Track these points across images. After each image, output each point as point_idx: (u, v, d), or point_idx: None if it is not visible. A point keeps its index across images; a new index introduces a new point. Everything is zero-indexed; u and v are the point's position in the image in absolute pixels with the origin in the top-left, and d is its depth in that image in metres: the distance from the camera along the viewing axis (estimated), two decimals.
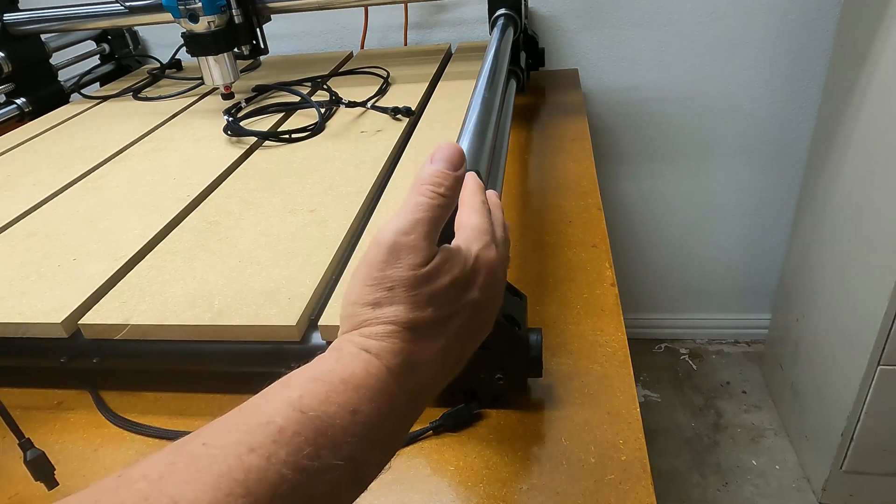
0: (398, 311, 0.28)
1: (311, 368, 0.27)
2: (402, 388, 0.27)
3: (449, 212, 0.31)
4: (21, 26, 1.07)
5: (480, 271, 0.31)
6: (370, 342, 0.28)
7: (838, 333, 1.13)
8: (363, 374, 0.26)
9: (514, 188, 0.79)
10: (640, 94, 1.34)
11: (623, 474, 0.41)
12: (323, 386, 0.25)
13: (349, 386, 0.26)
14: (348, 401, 0.25)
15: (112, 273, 0.58)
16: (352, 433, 0.25)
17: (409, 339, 0.28)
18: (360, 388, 0.26)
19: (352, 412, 0.25)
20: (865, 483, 1.18)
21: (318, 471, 0.23)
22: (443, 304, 0.29)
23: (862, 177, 1.05)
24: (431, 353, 0.29)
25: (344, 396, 0.25)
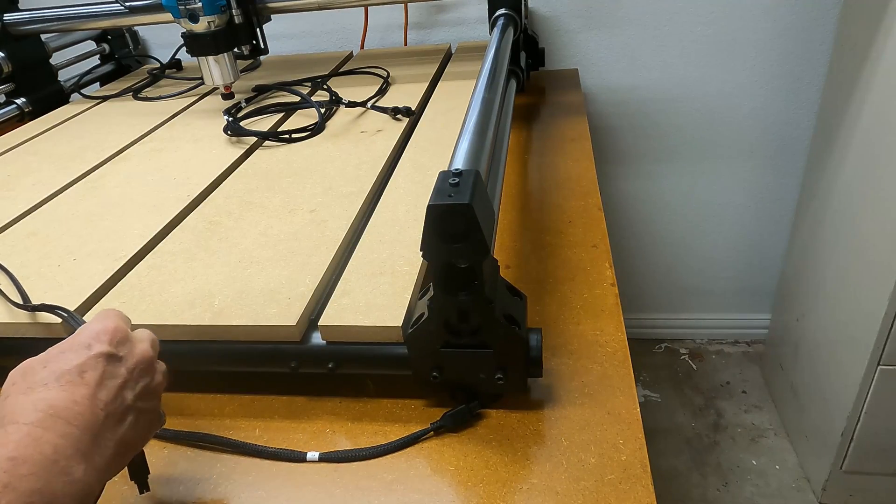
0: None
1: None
2: (50, 429, 0.32)
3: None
4: (21, 26, 1.07)
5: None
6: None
7: (838, 333, 1.13)
8: (5, 435, 0.31)
9: (514, 188, 0.79)
10: (640, 94, 1.34)
11: (623, 474, 0.41)
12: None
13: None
14: (2, 453, 0.30)
15: (112, 273, 0.58)
16: (17, 473, 0.30)
17: (38, 398, 0.34)
18: (8, 444, 0.31)
19: (9, 459, 0.30)
20: (865, 483, 1.18)
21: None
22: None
23: (862, 176, 1.05)
24: (68, 393, 0.34)
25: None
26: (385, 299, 0.50)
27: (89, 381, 0.35)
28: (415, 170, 0.72)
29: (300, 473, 0.45)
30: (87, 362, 0.36)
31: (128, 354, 0.38)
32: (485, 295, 0.42)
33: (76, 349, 0.36)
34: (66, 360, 0.36)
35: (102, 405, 0.35)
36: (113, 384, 0.36)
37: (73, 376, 0.35)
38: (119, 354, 0.37)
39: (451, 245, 0.40)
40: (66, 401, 0.34)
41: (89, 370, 0.35)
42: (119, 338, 0.38)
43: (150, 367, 0.39)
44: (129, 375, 0.37)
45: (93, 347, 0.36)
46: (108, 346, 0.37)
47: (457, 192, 0.40)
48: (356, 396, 0.51)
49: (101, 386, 0.35)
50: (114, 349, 0.37)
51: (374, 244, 0.57)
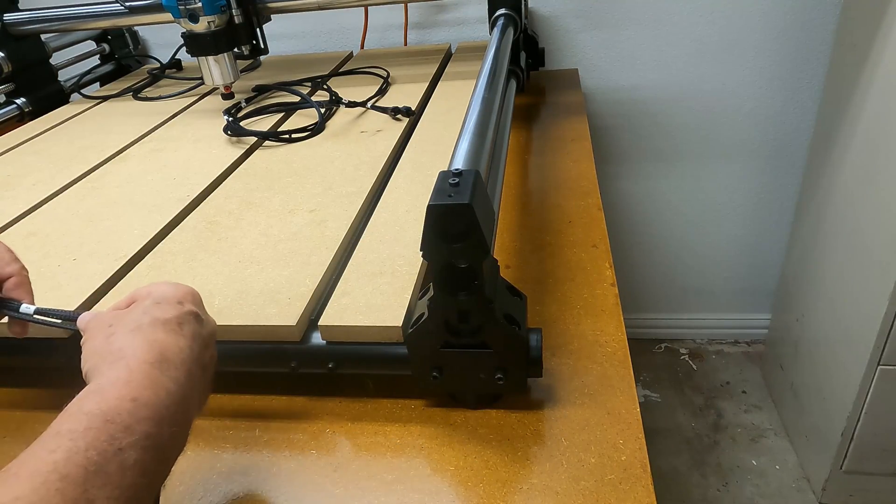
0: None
1: (82, 391, 0.32)
2: (164, 372, 0.33)
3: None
4: (21, 26, 1.07)
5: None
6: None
7: (838, 333, 1.13)
8: (126, 373, 0.32)
9: (514, 188, 0.79)
10: (640, 93, 1.34)
11: (623, 474, 0.41)
12: (95, 393, 0.31)
13: (118, 384, 0.31)
14: (123, 393, 0.30)
15: (112, 273, 0.58)
16: (138, 415, 0.30)
17: (151, 339, 0.34)
18: (130, 382, 0.31)
19: (131, 399, 0.30)
20: (865, 483, 1.18)
21: (120, 449, 0.28)
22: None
23: (862, 176, 1.05)
24: (173, 341, 0.35)
25: (119, 391, 0.31)
26: (385, 299, 0.50)
27: (186, 334, 0.36)
28: (415, 170, 0.72)
29: (300, 473, 0.45)
30: (183, 316, 0.36)
31: (206, 320, 0.39)
32: (485, 295, 0.42)
33: (170, 302, 0.37)
34: (163, 311, 0.36)
35: (196, 357, 0.35)
36: (200, 343, 0.37)
37: (174, 325, 0.35)
38: (202, 317, 0.38)
39: (451, 245, 0.40)
40: (174, 346, 0.34)
41: (185, 324, 0.36)
42: (199, 300, 0.39)
43: (215, 338, 0.39)
44: (209, 339, 0.38)
45: (184, 305, 0.37)
46: (195, 307, 0.38)
47: (457, 192, 0.40)
48: (356, 396, 0.51)
49: (194, 341, 0.36)
50: (198, 310, 0.38)
51: (374, 244, 0.57)
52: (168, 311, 0.36)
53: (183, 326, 0.36)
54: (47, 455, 0.27)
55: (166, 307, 0.36)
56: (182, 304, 0.37)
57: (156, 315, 0.35)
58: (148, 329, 0.34)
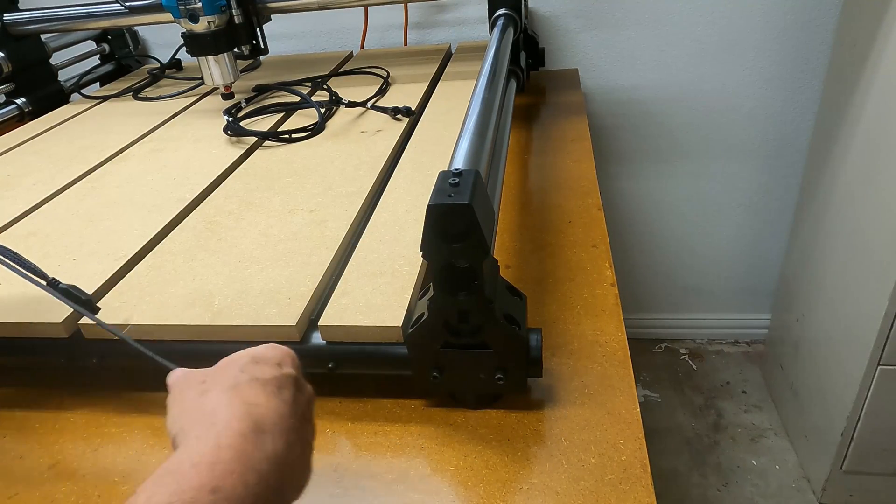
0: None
1: (163, 464, 0.27)
2: (257, 447, 0.27)
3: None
4: (21, 26, 1.07)
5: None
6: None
7: (838, 333, 1.13)
8: (214, 449, 0.27)
9: (514, 188, 0.79)
10: (641, 93, 1.34)
11: (623, 474, 0.41)
12: (173, 477, 0.25)
13: (202, 466, 0.26)
14: (204, 482, 0.25)
15: (112, 273, 0.58)
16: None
17: (249, 401, 0.30)
18: (215, 465, 0.26)
19: (211, 491, 0.25)
20: (865, 483, 1.18)
21: None
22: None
23: (862, 176, 1.05)
24: (274, 406, 0.30)
25: (199, 478, 0.25)
26: (385, 299, 0.50)
27: (287, 400, 0.31)
28: (415, 170, 0.72)
29: None
30: (282, 379, 0.32)
31: (304, 386, 0.35)
32: (485, 295, 0.42)
33: (269, 363, 0.33)
34: (262, 370, 0.32)
35: (296, 428, 0.31)
36: (299, 410, 0.32)
37: (273, 388, 0.31)
38: (302, 383, 0.34)
39: (451, 245, 0.40)
40: (273, 412, 0.30)
41: (285, 388, 0.32)
42: (298, 365, 0.35)
43: (313, 409, 0.35)
44: (308, 410, 0.34)
45: (283, 367, 0.33)
46: (294, 371, 0.34)
47: (457, 192, 0.40)
48: (356, 396, 0.51)
49: (295, 409, 0.32)
50: (297, 375, 0.34)
51: (374, 244, 0.57)
52: (267, 371, 0.32)
53: (282, 391, 0.31)
54: None
55: (265, 367, 0.33)
56: (281, 366, 0.33)
57: (255, 374, 0.32)
58: (246, 389, 0.30)
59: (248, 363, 0.33)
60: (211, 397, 0.30)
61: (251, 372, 0.32)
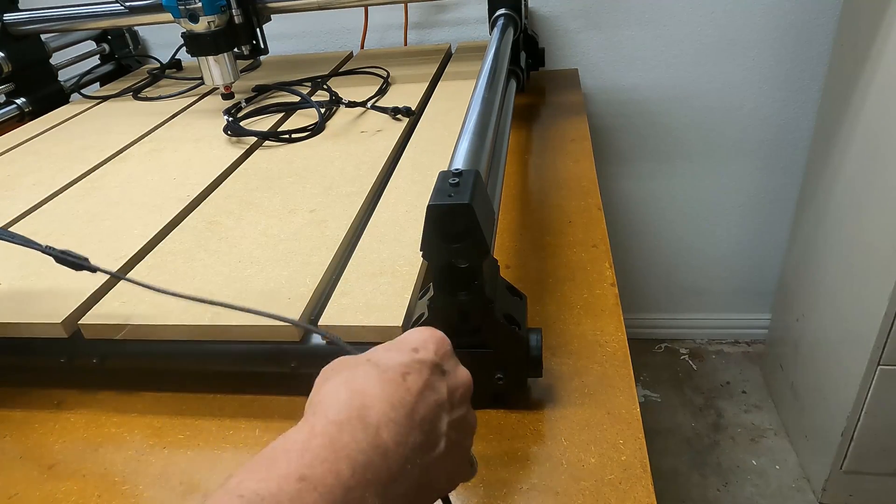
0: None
1: (264, 449, 0.26)
2: (355, 437, 0.26)
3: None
4: (21, 26, 1.07)
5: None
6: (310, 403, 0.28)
7: (838, 333, 1.13)
8: (307, 437, 0.25)
9: (514, 188, 0.79)
10: (640, 93, 1.34)
11: (623, 474, 0.41)
12: (265, 462, 0.24)
13: (292, 454, 0.24)
14: (291, 470, 0.24)
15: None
16: (303, 502, 0.23)
17: (356, 389, 0.28)
18: (305, 452, 0.25)
19: (298, 479, 0.23)
20: (865, 483, 1.18)
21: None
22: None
23: (862, 176, 1.05)
24: (389, 393, 0.28)
25: (286, 467, 0.24)
26: (385, 299, 0.50)
27: (411, 387, 0.29)
28: (415, 170, 0.72)
29: None
30: (412, 364, 0.30)
31: (452, 372, 0.32)
32: (485, 295, 0.42)
33: (401, 349, 0.31)
34: (389, 357, 0.30)
35: (419, 419, 0.28)
36: (433, 399, 0.30)
37: (395, 375, 0.29)
38: (444, 367, 0.31)
39: (451, 245, 0.40)
40: (384, 401, 0.28)
41: (413, 373, 0.30)
42: (445, 350, 0.32)
43: (469, 394, 0.33)
44: (451, 396, 0.31)
45: (419, 352, 0.31)
46: (435, 356, 0.31)
47: (457, 192, 0.40)
48: None
49: (422, 397, 0.29)
50: (440, 360, 0.31)
51: (374, 244, 0.57)
52: (395, 357, 0.30)
53: (408, 377, 0.29)
54: None
55: (395, 353, 0.30)
56: (417, 350, 0.31)
57: (379, 360, 0.30)
58: (360, 376, 0.29)
59: (380, 349, 0.31)
60: (329, 385, 0.29)
61: (377, 358, 0.30)
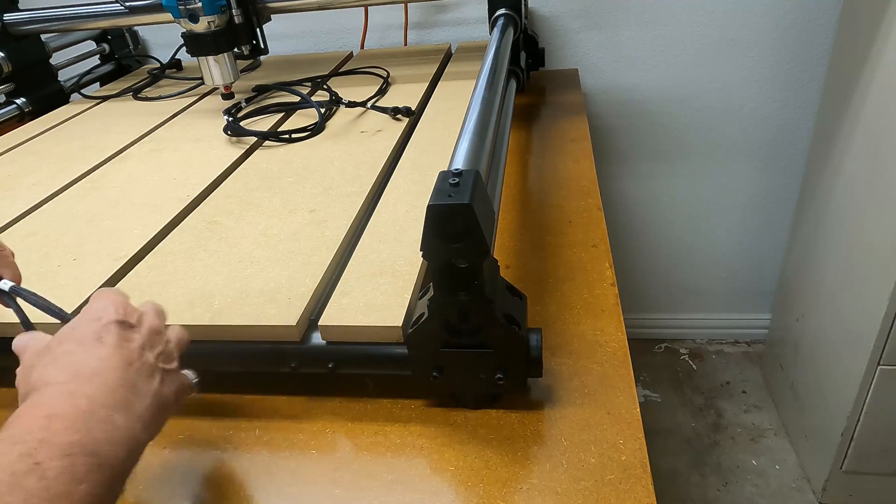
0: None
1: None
2: (81, 386, 0.32)
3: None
4: (21, 26, 1.07)
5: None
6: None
7: (838, 333, 1.13)
8: (37, 396, 0.32)
9: (514, 188, 0.79)
10: (641, 93, 1.34)
11: (623, 474, 0.41)
12: (9, 424, 0.30)
13: (31, 407, 0.31)
14: (35, 413, 0.30)
15: (112, 273, 0.58)
16: (55, 428, 0.29)
17: (62, 355, 0.35)
18: (42, 404, 0.31)
19: (45, 417, 0.30)
20: (865, 483, 1.18)
21: (37, 463, 0.28)
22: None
23: (862, 177, 1.05)
24: (90, 356, 0.35)
25: (31, 413, 0.31)
26: (385, 299, 0.50)
27: (108, 343, 0.35)
28: (415, 170, 0.72)
29: (300, 473, 0.45)
30: (102, 329, 0.36)
31: (138, 322, 0.38)
32: (485, 295, 0.42)
33: (87, 322, 0.37)
34: (81, 331, 0.36)
35: (127, 360, 0.35)
36: (131, 346, 0.36)
37: (91, 341, 0.35)
38: (130, 322, 0.37)
39: (451, 245, 0.40)
40: (92, 359, 0.34)
41: (106, 335, 0.36)
42: (124, 309, 0.38)
43: (160, 333, 0.39)
44: (144, 340, 0.37)
45: (103, 318, 0.37)
46: (117, 315, 0.37)
47: (457, 192, 0.40)
48: (356, 396, 0.51)
49: (121, 347, 0.35)
50: (123, 317, 0.37)
51: (374, 244, 0.58)
52: (83, 330, 0.36)
53: (103, 338, 0.36)
54: None
55: (81, 329, 0.36)
56: (100, 318, 0.37)
57: (70, 338, 0.36)
58: (61, 356, 0.35)
59: (65, 332, 0.37)
60: (36, 371, 0.35)
61: (66, 341, 0.36)
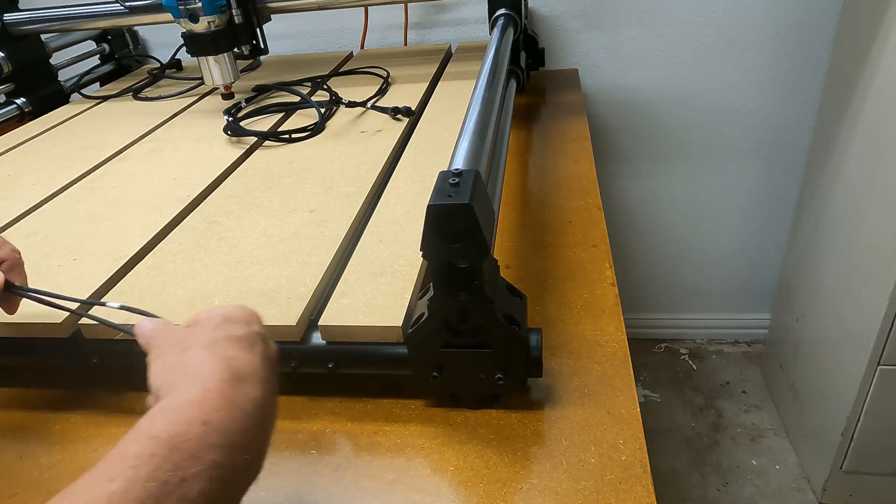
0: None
1: (155, 406, 0.30)
2: (239, 391, 0.31)
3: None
4: (21, 26, 1.07)
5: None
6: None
7: (838, 333, 1.13)
8: (202, 391, 0.30)
9: (514, 188, 0.79)
10: (640, 93, 1.34)
11: (623, 474, 0.41)
12: (168, 413, 0.29)
13: (192, 405, 0.30)
14: (194, 416, 0.29)
15: (112, 273, 0.58)
16: (208, 441, 0.28)
17: (227, 355, 0.33)
18: (204, 403, 0.30)
19: (202, 423, 0.29)
20: (865, 483, 1.18)
21: (183, 480, 0.26)
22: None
23: (862, 176, 1.05)
24: (248, 359, 0.34)
25: (191, 413, 0.29)
26: (385, 299, 0.50)
27: (258, 353, 0.35)
28: (415, 170, 0.72)
29: (300, 473, 0.45)
30: (252, 336, 0.35)
31: (270, 343, 0.37)
32: (485, 295, 0.42)
33: (239, 322, 0.36)
34: (234, 328, 0.35)
35: (267, 377, 0.34)
36: (270, 365, 0.35)
37: (246, 344, 0.34)
38: (268, 340, 0.37)
39: (451, 245, 0.40)
40: (249, 364, 0.33)
41: (256, 344, 0.35)
42: (263, 324, 0.38)
43: (277, 362, 0.38)
44: (274, 362, 0.37)
45: (252, 326, 0.36)
46: (262, 329, 0.37)
47: (457, 192, 0.40)
48: (356, 396, 0.51)
49: (266, 362, 0.35)
50: (266, 334, 0.37)
51: (374, 244, 0.58)
52: (239, 329, 0.35)
53: (254, 346, 0.35)
54: (106, 484, 0.26)
55: (237, 325, 0.36)
56: (250, 324, 0.36)
57: (229, 332, 0.35)
58: (222, 345, 0.33)
59: (220, 322, 0.35)
60: (193, 354, 0.33)
61: (225, 330, 0.35)
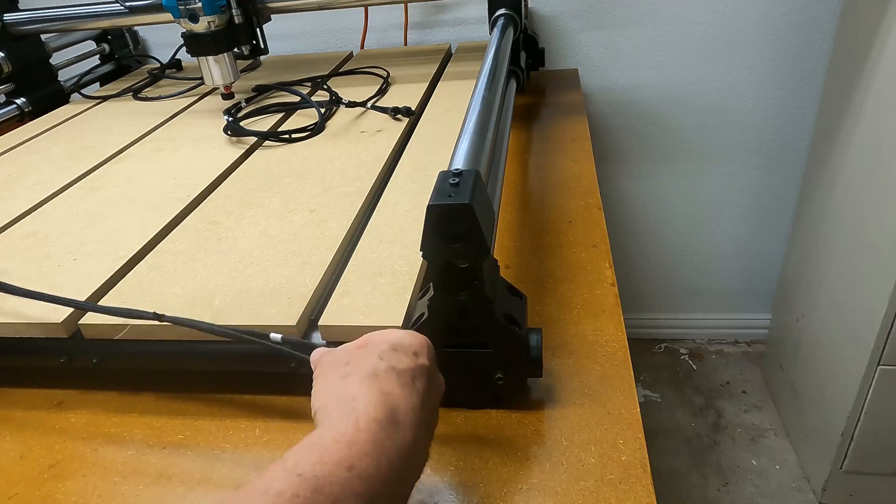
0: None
1: (307, 437, 0.29)
2: (391, 436, 0.30)
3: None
4: (21, 26, 1.07)
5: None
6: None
7: (838, 333, 1.13)
8: (353, 431, 0.29)
9: (514, 188, 0.79)
10: (640, 93, 1.34)
11: (623, 474, 0.41)
12: (316, 448, 0.28)
13: (341, 444, 0.28)
14: (342, 458, 0.27)
15: (112, 273, 0.58)
16: (351, 489, 0.27)
17: (385, 391, 0.31)
18: (353, 444, 0.28)
19: (347, 468, 0.27)
20: (865, 483, 1.18)
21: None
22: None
23: (862, 177, 1.05)
24: (407, 398, 0.32)
25: (339, 454, 0.28)
26: (385, 299, 0.50)
27: (419, 391, 0.33)
28: (415, 170, 0.72)
29: None
30: (417, 370, 0.34)
31: (437, 378, 0.36)
32: (485, 295, 0.42)
33: (407, 353, 0.34)
34: (399, 359, 0.34)
35: (426, 419, 0.32)
36: (430, 403, 0.34)
37: (408, 378, 0.33)
38: (434, 373, 0.35)
39: (451, 245, 0.40)
40: (406, 403, 0.31)
41: (419, 379, 0.33)
42: (433, 356, 0.36)
43: (440, 398, 0.36)
44: (437, 400, 0.35)
45: (419, 357, 0.35)
46: (430, 363, 0.35)
47: (457, 192, 0.40)
48: None
49: (425, 400, 0.33)
50: (433, 366, 0.35)
51: (374, 244, 0.57)
52: (404, 360, 0.34)
53: (416, 381, 0.33)
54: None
55: (403, 357, 0.34)
56: (417, 356, 0.35)
57: (393, 363, 0.33)
58: (383, 378, 0.32)
59: (386, 350, 0.34)
60: (352, 382, 0.32)
61: (389, 360, 0.33)
